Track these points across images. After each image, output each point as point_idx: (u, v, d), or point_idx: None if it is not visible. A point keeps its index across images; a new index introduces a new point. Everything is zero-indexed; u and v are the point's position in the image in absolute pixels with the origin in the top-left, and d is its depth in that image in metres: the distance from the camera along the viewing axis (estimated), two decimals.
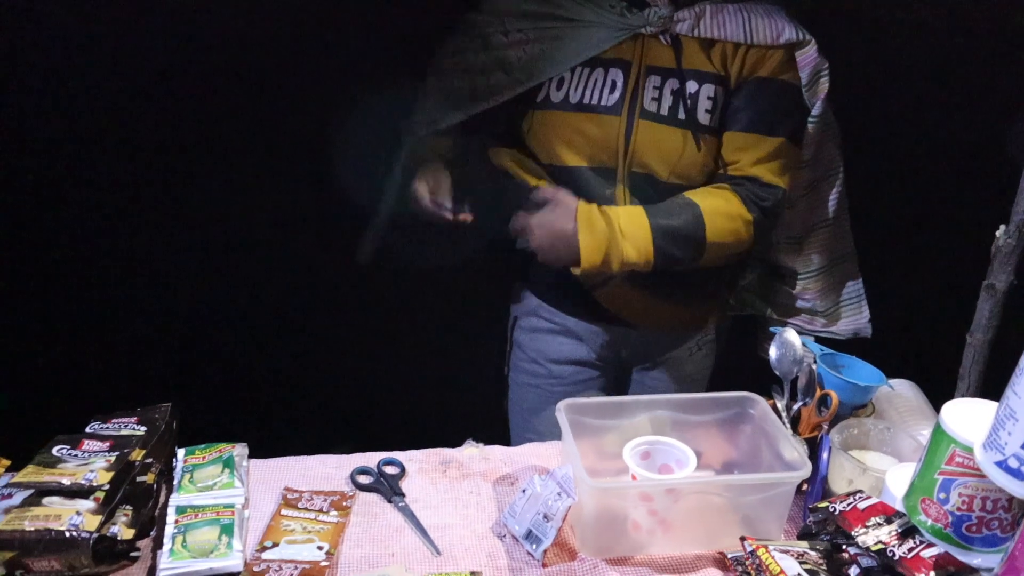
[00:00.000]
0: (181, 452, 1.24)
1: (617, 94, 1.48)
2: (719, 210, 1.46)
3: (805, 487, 1.22)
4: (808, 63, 1.48)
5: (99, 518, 1.03)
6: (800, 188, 1.60)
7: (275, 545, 1.11)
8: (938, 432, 1.02)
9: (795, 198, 1.59)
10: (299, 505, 1.19)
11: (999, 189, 1.34)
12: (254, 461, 1.28)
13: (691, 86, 1.47)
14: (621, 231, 1.43)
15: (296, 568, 1.06)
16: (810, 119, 1.53)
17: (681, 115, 1.47)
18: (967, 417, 1.01)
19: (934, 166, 2.08)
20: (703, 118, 1.47)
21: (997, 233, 1.28)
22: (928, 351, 1.66)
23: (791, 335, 1.37)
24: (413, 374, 1.98)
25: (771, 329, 1.39)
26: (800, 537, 1.12)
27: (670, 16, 1.45)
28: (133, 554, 1.10)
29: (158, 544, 1.09)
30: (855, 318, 1.75)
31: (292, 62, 1.91)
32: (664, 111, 1.47)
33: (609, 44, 1.46)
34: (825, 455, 1.20)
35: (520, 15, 1.50)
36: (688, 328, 1.69)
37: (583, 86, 1.49)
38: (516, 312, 1.74)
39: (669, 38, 1.47)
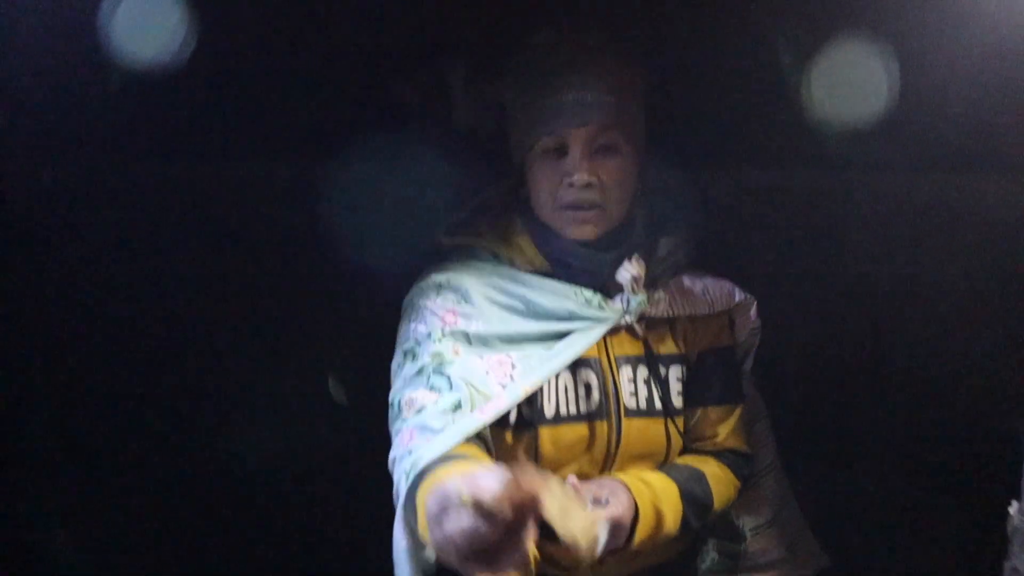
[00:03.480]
0: None
1: (596, 396, 1.35)
2: (720, 478, 1.41)
3: None
4: (750, 322, 1.49)
5: None
6: None
7: None
8: None
9: None
10: None
11: (1001, 460, 1.30)
12: None
13: (661, 371, 1.40)
14: (661, 502, 1.30)
15: None
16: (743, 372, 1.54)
17: (658, 404, 1.38)
18: None
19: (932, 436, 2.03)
20: (677, 402, 1.41)
21: (1011, 511, 1.22)
22: None
23: None
24: None
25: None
26: None
27: (646, 300, 1.37)
28: None
29: None
30: (813, 551, 1.63)
31: None
32: (643, 405, 1.38)
33: (589, 345, 1.34)
34: None
35: (490, 323, 1.34)
36: None
37: (555, 395, 1.35)
38: None
39: (642, 326, 1.39)
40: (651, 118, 1.42)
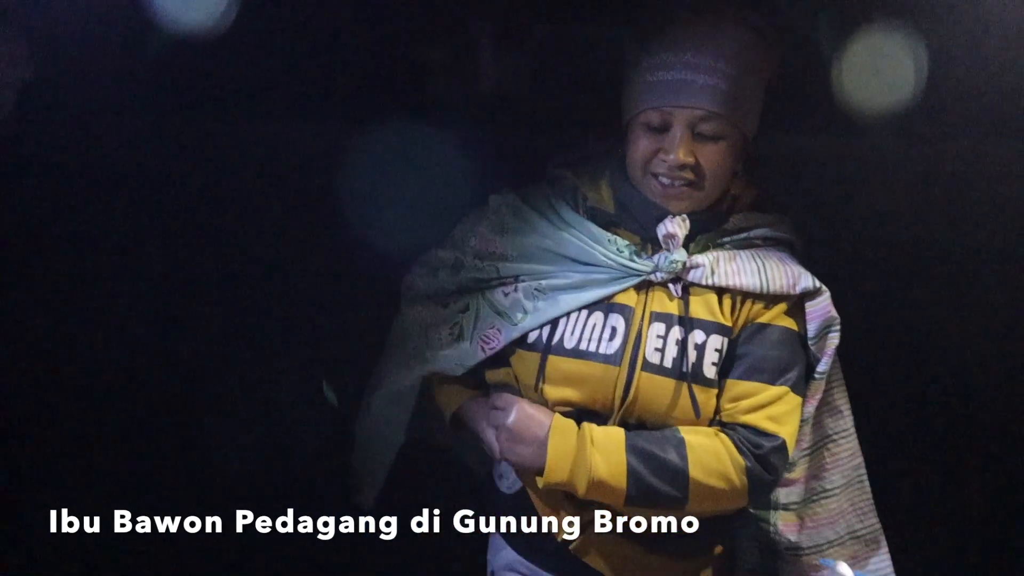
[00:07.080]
0: None
1: (617, 342, 1.37)
2: (704, 446, 1.33)
3: None
4: (819, 315, 1.40)
5: None
6: (800, 449, 1.45)
7: None
8: None
9: (795, 459, 1.44)
10: None
11: None
12: None
13: (697, 336, 1.36)
14: (592, 440, 1.31)
15: None
16: (815, 375, 1.42)
17: (685, 368, 1.35)
18: None
19: None
20: (708, 371, 1.36)
21: None
22: None
23: (844, 570, 1.25)
24: None
25: (821, 561, 1.25)
26: None
27: (682, 263, 1.37)
28: None
29: None
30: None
31: None
32: (668, 363, 1.36)
33: (613, 292, 1.39)
34: None
35: (515, 257, 1.45)
36: None
37: (580, 330, 1.39)
38: (493, 566, 1.56)
39: (680, 288, 1.38)
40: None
